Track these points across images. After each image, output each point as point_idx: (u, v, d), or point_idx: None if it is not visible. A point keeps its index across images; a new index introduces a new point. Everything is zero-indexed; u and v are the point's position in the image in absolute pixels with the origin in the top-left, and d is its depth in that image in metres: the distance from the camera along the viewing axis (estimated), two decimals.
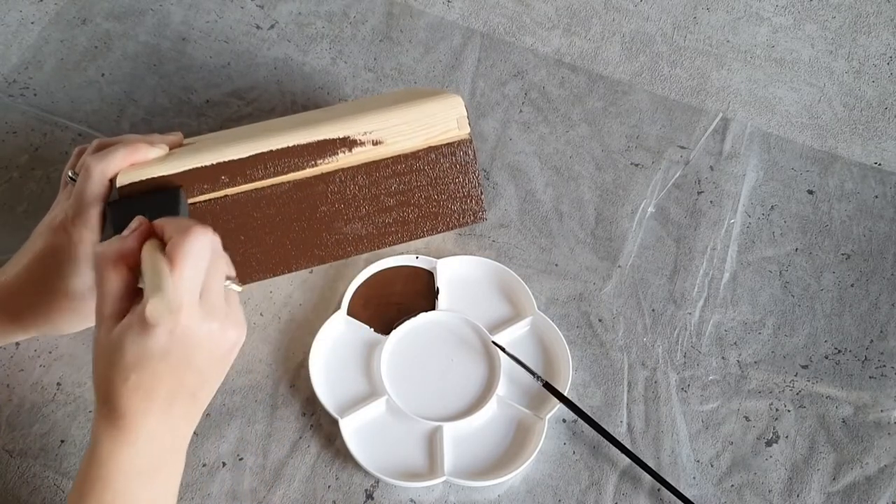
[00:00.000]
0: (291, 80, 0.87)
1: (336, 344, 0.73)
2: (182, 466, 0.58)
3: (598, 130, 0.85)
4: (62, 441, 0.69)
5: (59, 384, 0.71)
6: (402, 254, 0.76)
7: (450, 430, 0.69)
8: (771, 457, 0.71)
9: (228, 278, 0.56)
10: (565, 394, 0.71)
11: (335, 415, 0.69)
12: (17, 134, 0.83)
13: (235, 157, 0.66)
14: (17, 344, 0.72)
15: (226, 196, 0.66)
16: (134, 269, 0.54)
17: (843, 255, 0.80)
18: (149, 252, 0.53)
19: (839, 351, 0.75)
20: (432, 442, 0.69)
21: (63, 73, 0.86)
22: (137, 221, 0.55)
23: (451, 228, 0.74)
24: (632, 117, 0.86)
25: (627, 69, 0.89)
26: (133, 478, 0.55)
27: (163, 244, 0.54)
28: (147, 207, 0.59)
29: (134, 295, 0.54)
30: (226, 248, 0.67)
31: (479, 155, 0.82)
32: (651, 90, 0.88)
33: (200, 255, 0.52)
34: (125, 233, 0.55)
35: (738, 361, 0.74)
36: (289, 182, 0.67)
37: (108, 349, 0.52)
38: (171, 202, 0.63)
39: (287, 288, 0.75)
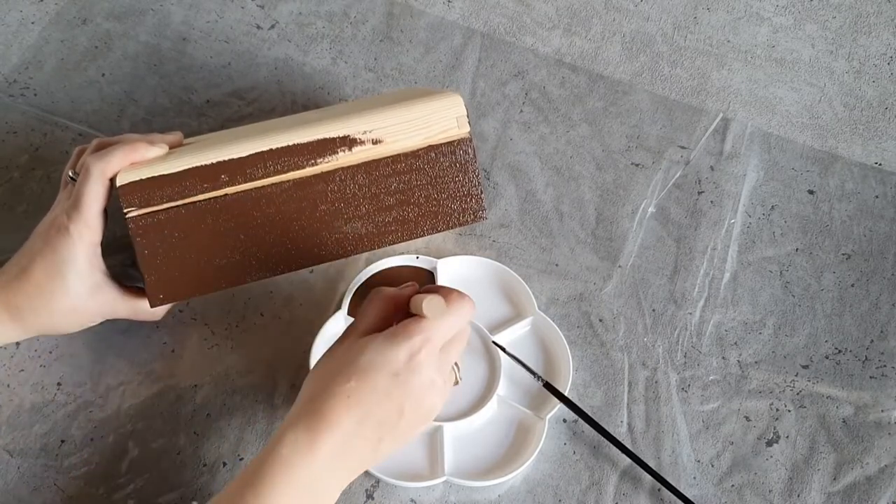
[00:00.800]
0: (292, 80, 0.87)
1: None
2: (336, 495, 0.58)
3: (599, 130, 0.85)
4: (62, 441, 0.69)
5: (59, 384, 0.71)
6: (402, 254, 0.76)
7: (450, 430, 0.69)
8: (771, 457, 0.71)
9: (457, 364, 0.62)
10: (566, 394, 0.71)
11: None
12: (18, 134, 0.83)
13: (235, 155, 0.65)
14: (18, 344, 0.72)
15: (226, 195, 0.66)
16: (398, 310, 0.61)
17: (843, 255, 0.80)
18: (422, 296, 0.60)
19: (839, 351, 0.75)
20: (433, 442, 0.69)
21: (63, 73, 0.86)
22: (412, 283, 0.63)
23: (452, 227, 0.73)
24: (632, 117, 0.86)
25: (628, 69, 0.89)
26: (301, 488, 0.55)
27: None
28: None
29: (385, 328, 0.59)
30: (226, 247, 0.67)
31: (479, 155, 0.82)
32: (651, 90, 0.88)
33: (463, 315, 0.59)
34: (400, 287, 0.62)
35: (738, 361, 0.74)
36: (289, 181, 0.67)
37: (346, 352, 0.58)
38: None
39: (287, 288, 0.75)
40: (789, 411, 0.72)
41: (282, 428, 0.57)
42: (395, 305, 0.61)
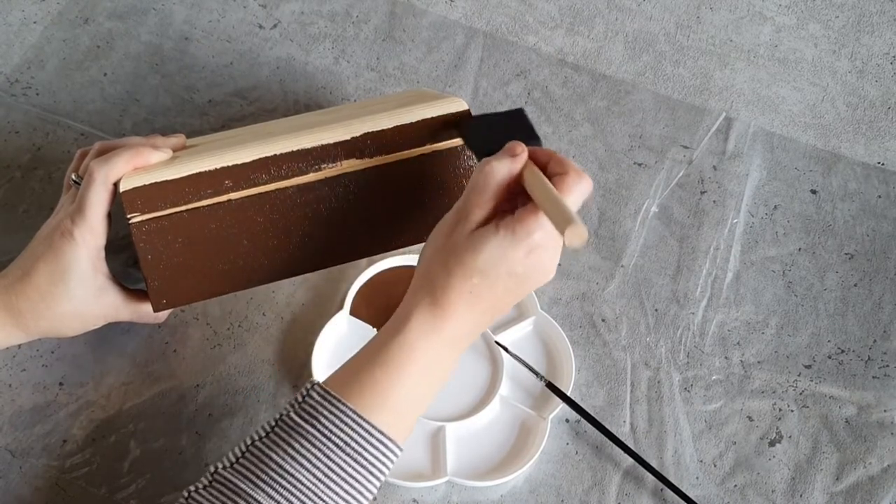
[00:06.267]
0: (294, 79, 0.87)
1: (338, 344, 0.73)
2: (454, 367, 0.61)
3: (602, 130, 0.85)
4: (64, 441, 0.69)
5: (61, 384, 0.71)
6: (404, 253, 0.76)
7: (453, 430, 0.69)
8: (774, 457, 0.70)
9: None
10: (568, 394, 0.71)
11: None
12: (20, 133, 0.83)
13: (239, 161, 0.65)
14: (20, 344, 0.72)
15: (229, 200, 0.66)
16: (511, 188, 0.58)
17: (846, 254, 0.80)
18: (540, 181, 0.57)
19: (842, 351, 0.75)
20: (435, 442, 0.69)
21: (65, 72, 0.86)
22: (521, 147, 0.59)
23: None
24: (635, 117, 0.86)
25: (630, 69, 0.89)
26: (423, 367, 0.58)
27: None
28: (501, 126, 0.64)
29: (498, 209, 0.58)
30: (229, 252, 0.67)
31: None
32: (654, 90, 0.88)
33: (582, 199, 0.58)
34: (508, 153, 0.58)
35: (741, 361, 0.74)
36: (292, 186, 0.67)
37: (462, 245, 0.57)
38: (523, 123, 0.65)
39: (289, 288, 0.75)
40: (792, 411, 0.72)
41: (405, 310, 0.58)
42: (508, 188, 0.58)
